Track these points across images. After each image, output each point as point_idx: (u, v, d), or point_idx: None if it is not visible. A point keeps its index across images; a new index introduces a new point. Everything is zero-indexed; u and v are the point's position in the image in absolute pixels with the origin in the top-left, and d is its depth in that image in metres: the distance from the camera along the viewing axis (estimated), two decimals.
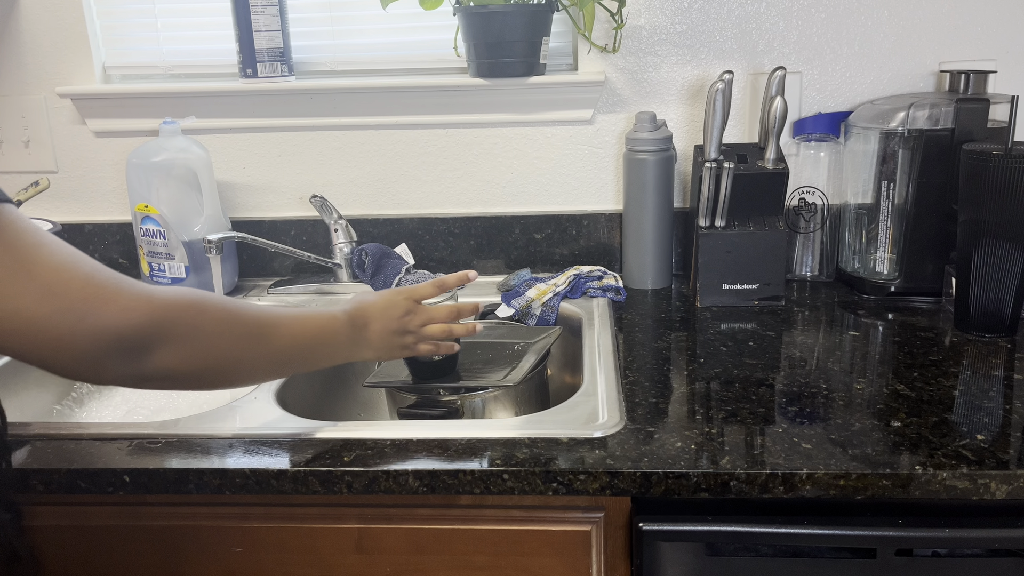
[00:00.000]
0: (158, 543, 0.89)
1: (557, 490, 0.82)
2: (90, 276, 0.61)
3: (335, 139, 1.44)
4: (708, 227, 1.25)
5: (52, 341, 0.59)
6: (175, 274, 1.32)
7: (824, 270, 1.37)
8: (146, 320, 0.63)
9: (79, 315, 0.59)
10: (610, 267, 1.43)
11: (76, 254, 0.62)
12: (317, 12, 1.43)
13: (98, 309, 0.60)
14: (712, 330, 1.18)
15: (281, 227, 1.47)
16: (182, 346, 0.67)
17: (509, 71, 1.33)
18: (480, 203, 1.46)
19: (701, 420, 0.91)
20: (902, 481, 0.79)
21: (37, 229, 0.61)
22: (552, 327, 1.20)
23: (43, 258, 0.59)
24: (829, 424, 0.89)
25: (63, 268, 0.60)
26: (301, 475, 0.84)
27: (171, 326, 0.66)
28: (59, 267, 0.59)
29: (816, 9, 1.34)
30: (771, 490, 0.80)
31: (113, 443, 0.90)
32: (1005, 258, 1.07)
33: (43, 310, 0.58)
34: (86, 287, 0.60)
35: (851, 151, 1.32)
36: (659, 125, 1.32)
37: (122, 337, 0.62)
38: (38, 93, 1.45)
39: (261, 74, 1.37)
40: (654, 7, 1.35)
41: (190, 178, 1.31)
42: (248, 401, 1.00)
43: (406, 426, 0.92)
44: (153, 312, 0.64)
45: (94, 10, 1.44)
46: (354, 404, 1.26)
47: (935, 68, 1.35)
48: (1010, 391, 0.96)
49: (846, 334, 1.16)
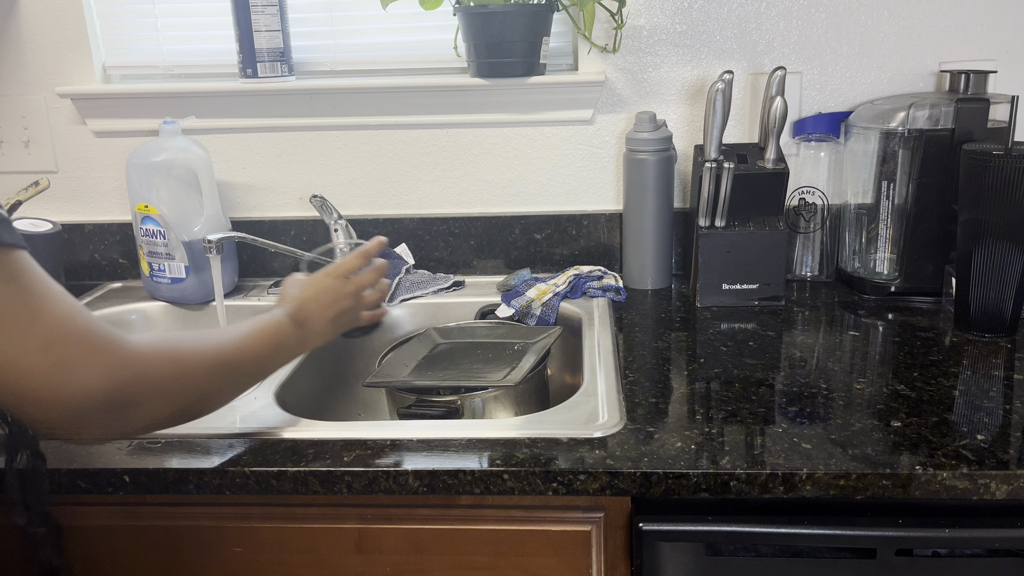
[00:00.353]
0: (158, 543, 0.89)
1: (557, 490, 0.82)
2: (86, 330, 0.61)
3: (335, 139, 1.44)
4: (708, 227, 1.25)
5: (45, 392, 0.58)
6: (175, 274, 1.32)
7: (824, 270, 1.37)
8: (131, 377, 0.63)
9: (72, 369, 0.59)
10: (610, 267, 1.43)
11: (76, 305, 0.62)
12: (317, 12, 1.43)
13: (90, 364, 0.60)
14: (712, 330, 1.18)
15: (281, 227, 1.47)
16: (163, 396, 0.67)
17: (509, 71, 1.33)
18: (480, 203, 1.46)
19: (701, 420, 0.91)
20: (902, 481, 0.79)
21: (46, 277, 0.61)
22: (552, 327, 1.20)
23: (48, 308, 0.58)
24: (829, 424, 0.89)
25: (64, 320, 0.59)
26: (301, 475, 0.84)
27: (154, 380, 0.66)
28: (61, 319, 0.59)
29: (816, 9, 1.34)
30: (771, 490, 0.80)
31: (113, 443, 0.89)
32: (1005, 258, 1.07)
33: (40, 362, 0.57)
34: (82, 341, 0.60)
35: (851, 151, 1.32)
36: (659, 125, 1.32)
37: (110, 394, 0.61)
38: (38, 93, 1.45)
39: (261, 74, 1.37)
40: (654, 7, 1.35)
41: (190, 178, 1.31)
42: (248, 401, 1.00)
43: (406, 426, 0.92)
44: (136, 367, 0.64)
45: (94, 10, 1.44)
46: (354, 404, 1.26)
47: (935, 68, 1.35)
48: (1010, 391, 0.96)
49: (846, 334, 1.16)
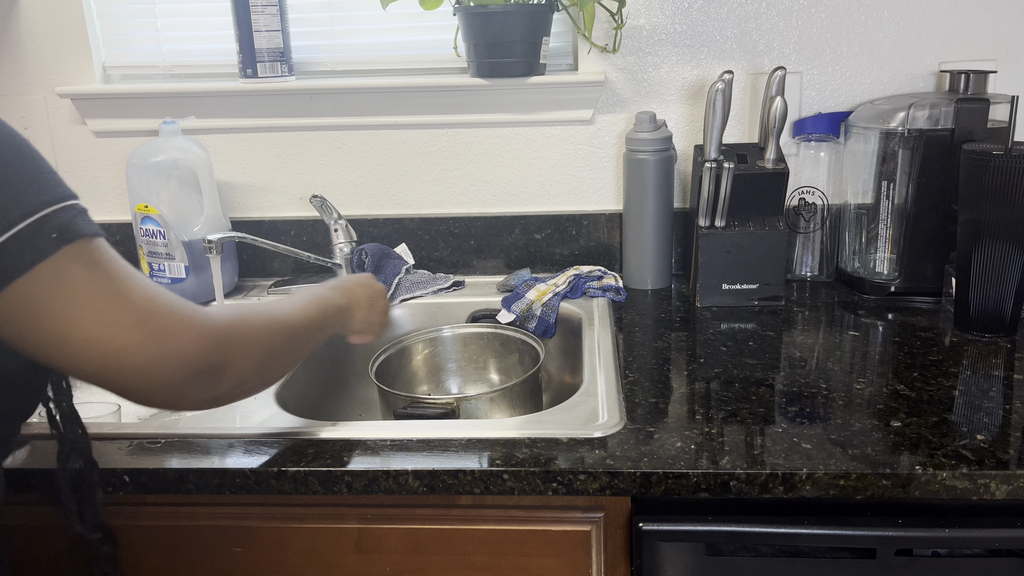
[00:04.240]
0: (158, 543, 0.89)
1: (557, 490, 0.82)
2: (171, 304, 0.64)
3: (335, 139, 1.44)
4: (708, 227, 1.25)
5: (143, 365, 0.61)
6: (175, 274, 1.32)
7: (824, 270, 1.37)
8: (215, 343, 0.66)
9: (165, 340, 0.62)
10: (610, 267, 1.43)
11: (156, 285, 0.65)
12: (317, 12, 1.43)
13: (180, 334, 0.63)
14: (712, 330, 1.18)
15: (281, 227, 1.47)
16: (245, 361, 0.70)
17: (509, 71, 1.33)
18: (480, 203, 1.46)
19: (701, 420, 0.91)
20: (902, 481, 0.79)
21: (124, 260, 0.64)
22: (544, 339, 1.21)
23: (134, 287, 0.62)
24: (829, 424, 0.89)
25: (151, 297, 0.63)
26: (301, 475, 0.84)
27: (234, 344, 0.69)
28: (148, 296, 0.63)
29: (816, 9, 1.34)
30: (771, 490, 0.80)
31: (113, 443, 0.90)
32: (1005, 258, 1.07)
33: (135, 337, 0.61)
34: (170, 314, 0.63)
35: (851, 151, 1.32)
36: (659, 125, 1.32)
37: (202, 362, 0.65)
38: (38, 93, 1.45)
39: (261, 74, 1.37)
40: (654, 7, 1.35)
41: (190, 178, 1.31)
42: (248, 401, 1.00)
43: (406, 426, 0.92)
44: (219, 335, 0.67)
45: (94, 10, 1.44)
46: (354, 404, 1.26)
47: (935, 68, 1.35)
48: (1010, 391, 0.96)
49: (846, 334, 1.16)
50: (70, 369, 0.61)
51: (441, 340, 1.24)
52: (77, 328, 0.59)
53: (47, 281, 0.58)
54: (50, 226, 0.58)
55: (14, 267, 0.57)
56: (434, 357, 1.24)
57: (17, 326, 0.59)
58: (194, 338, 0.64)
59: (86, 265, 0.60)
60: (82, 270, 0.59)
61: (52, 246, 0.58)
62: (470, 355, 1.25)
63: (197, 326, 0.65)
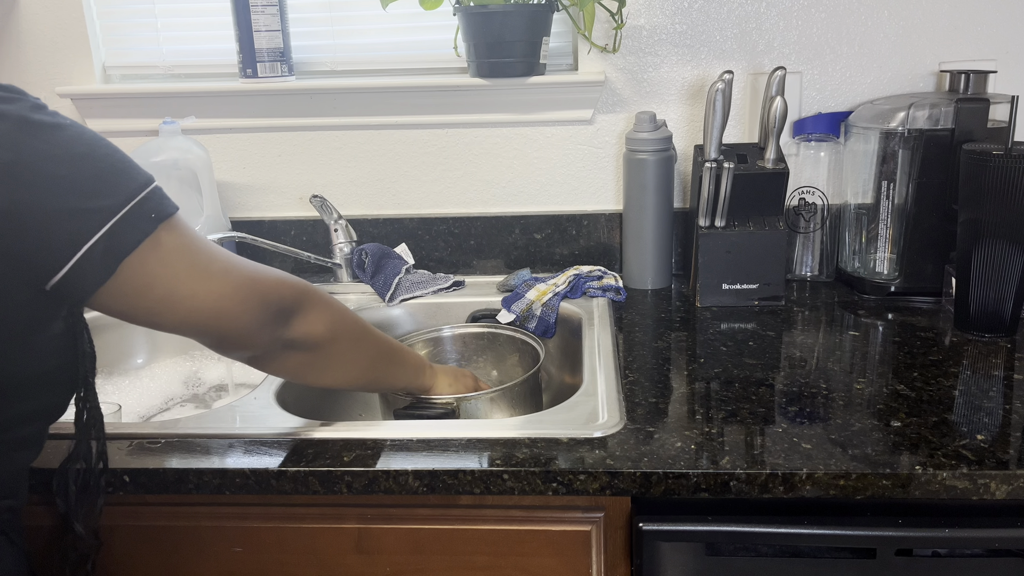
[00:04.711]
0: (158, 543, 0.89)
1: (557, 490, 0.82)
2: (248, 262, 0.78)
3: (335, 139, 1.44)
4: (708, 227, 1.25)
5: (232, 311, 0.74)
6: None
7: (824, 270, 1.37)
8: (292, 290, 0.80)
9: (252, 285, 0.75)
10: (610, 267, 1.43)
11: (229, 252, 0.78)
12: (317, 12, 1.43)
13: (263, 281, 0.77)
14: (712, 330, 1.18)
15: (281, 227, 1.47)
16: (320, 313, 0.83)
17: (509, 71, 1.33)
18: (480, 203, 1.46)
19: (701, 420, 0.91)
20: (902, 481, 0.79)
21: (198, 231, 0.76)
22: (544, 339, 1.21)
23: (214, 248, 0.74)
24: (829, 424, 0.89)
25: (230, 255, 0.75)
26: (301, 475, 0.84)
27: (312, 295, 0.82)
28: (228, 254, 0.75)
29: (816, 9, 1.34)
30: (771, 490, 0.80)
31: (113, 443, 0.89)
32: (1005, 258, 1.07)
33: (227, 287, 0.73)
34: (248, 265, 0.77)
35: (851, 151, 1.32)
36: (659, 125, 1.32)
37: (282, 300, 0.78)
38: (38, 93, 1.41)
39: (261, 74, 1.37)
40: (654, 7, 1.35)
41: (190, 178, 1.31)
42: (248, 401, 1.00)
43: (406, 426, 0.92)
44: (296, 284, 0.81)
45: (94, 10, 1.44)
46: (354, 404, 1.26)
47: (935, 68, 1.35)
48: (1010, 391, 0.96)
49: (846, 334, 1.16)
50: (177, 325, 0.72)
51: (441, 340, 1.24)
52: (180, 288, 0.70)
53: (152, 254, 0.68)
54: (147, 207, 0.67)
55: (124, 245, 0.66)
56: (434, 357, 1.24)
57: (130, 297, 0.68)
58: (274, 282, 0.78)
59: (178, 235, 0.70)
60: (176, 239, 0.70)
61: (151, 224, 0.67)
62: (470, 355, 1.25)
63: (276, 274, 0.79)
